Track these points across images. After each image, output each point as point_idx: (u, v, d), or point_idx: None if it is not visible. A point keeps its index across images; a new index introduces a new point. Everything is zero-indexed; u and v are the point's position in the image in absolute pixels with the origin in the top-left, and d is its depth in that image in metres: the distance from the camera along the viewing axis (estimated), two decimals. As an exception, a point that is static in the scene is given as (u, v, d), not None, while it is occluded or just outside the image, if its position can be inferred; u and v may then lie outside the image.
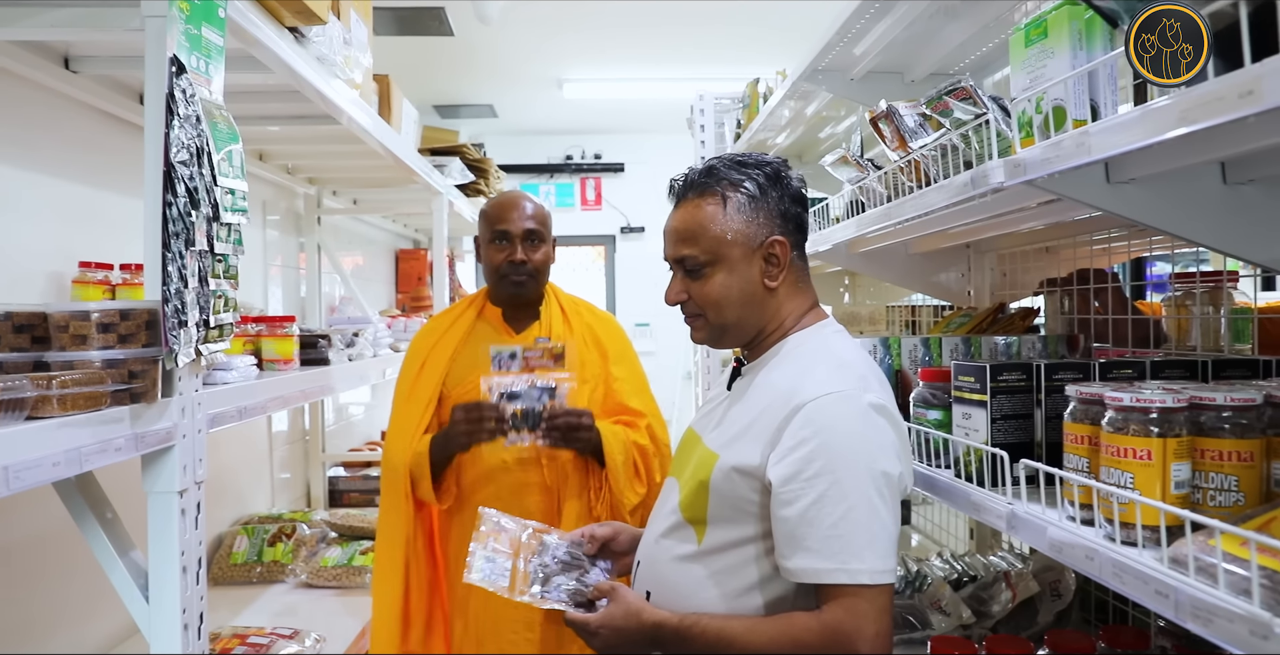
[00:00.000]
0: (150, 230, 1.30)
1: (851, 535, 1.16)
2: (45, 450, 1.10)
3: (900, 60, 2.18)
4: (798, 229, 1.39)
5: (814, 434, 1.20)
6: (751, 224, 1.34)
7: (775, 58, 4.72)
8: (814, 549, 1.17)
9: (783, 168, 1.39)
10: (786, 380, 1.29)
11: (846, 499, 1.17)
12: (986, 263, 2.36)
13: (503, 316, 2.16)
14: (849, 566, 1.16)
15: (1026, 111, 1.10)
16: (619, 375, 2.15)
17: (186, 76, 1.32)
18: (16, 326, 1.30)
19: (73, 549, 2.03)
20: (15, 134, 1.94)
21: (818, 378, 1.25)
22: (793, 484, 1.19)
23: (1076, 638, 1.54)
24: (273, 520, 3.04)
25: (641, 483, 2.02)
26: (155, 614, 1.40)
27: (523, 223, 2.09)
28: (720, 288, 1.35)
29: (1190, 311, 1.54)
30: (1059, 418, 1.19)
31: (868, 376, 1.29)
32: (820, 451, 1.18)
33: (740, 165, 1.37)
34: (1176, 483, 0.96)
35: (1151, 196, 1.11)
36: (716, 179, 1.36)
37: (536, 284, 2.12)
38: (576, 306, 2.23)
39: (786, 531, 1.20)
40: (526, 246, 2.09)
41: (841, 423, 1.20)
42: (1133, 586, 0.89)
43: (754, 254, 1.34)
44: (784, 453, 1.21)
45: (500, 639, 2.00)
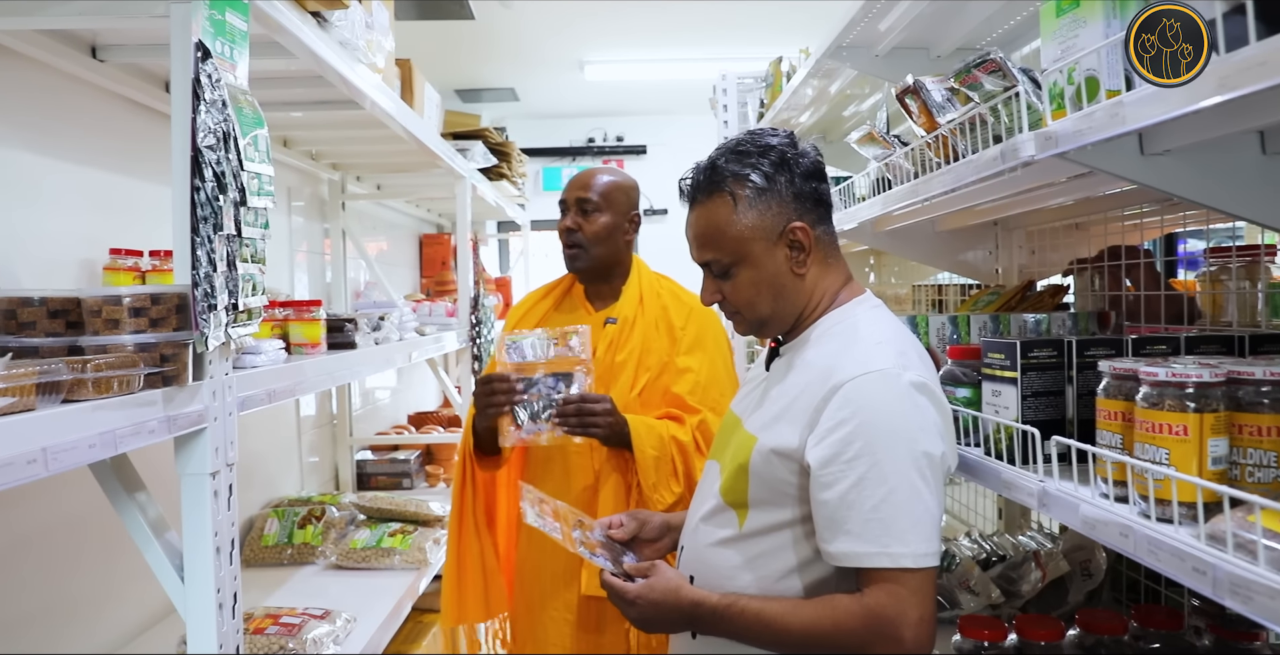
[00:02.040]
0: (179, 215, 1.31)
1: (893, 518, 1.14)
2: (82, 432, 1.12)
3: (926, 35, 2.15)
4: (817, 204, 1.35)
5: (853, 414, 1.18)
6: (766, 216, 1.31)
7: (799, 36, 4.67)
8: (855, 532, 1.15)
9: (788, 147, 1.34)
10: (824, 359, 1.27)
11: (887, 481, 1.15)
12: (1014, 240, 2.32)
13: (585, 294, 2.13)
14: (891, 550, 1.14)
15: (1058, 83, 1.08)
16: (687, 366, 2.05)
17: (212, 61, 1.32)
18: (51, 312, 1.31)
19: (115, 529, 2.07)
20: (46, 123, 1.96)
21: (856, 356, 1.23)
22: (832, 466, 1.18)
23: (1108, 617, 1.52)
24: (302, 503, 3.08)
25: (678, 482, 1.93)
26: (190, 593, 1.43)
27: (576, 192, 2.05)
28: (749, 286, 1.33)
29: (1226, 287, 1.51)
30: (1091, 395, 1.18)
31: (908, 353, 1.26)
32: (859, 432, 1.17)
33: (742, 156, 1.33)
34: (1214, 459, 0.95)
35: (1187, 168, 1.09)
36: (721, 177, 1.33)
37: (590, 256, 2.05)
38: (657, 287, 2.14)
39: (826, 515, 1.19)
40: (577, 214, 2.05)
41: (881, 402, 1.18)
42: (1169, 564, 0.88)
43: (775, 245, 1.32)
44: (822, 434, 1.20)
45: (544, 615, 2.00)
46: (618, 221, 2.07)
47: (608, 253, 2.07)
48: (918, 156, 1.64)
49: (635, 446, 1.91)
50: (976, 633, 1.53)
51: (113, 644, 2.13)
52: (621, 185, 2.10)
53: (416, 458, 4.04)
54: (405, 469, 3.96)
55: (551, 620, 1.99)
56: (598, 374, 1.99)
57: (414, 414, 4.84)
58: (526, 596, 2.04)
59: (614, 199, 2.07)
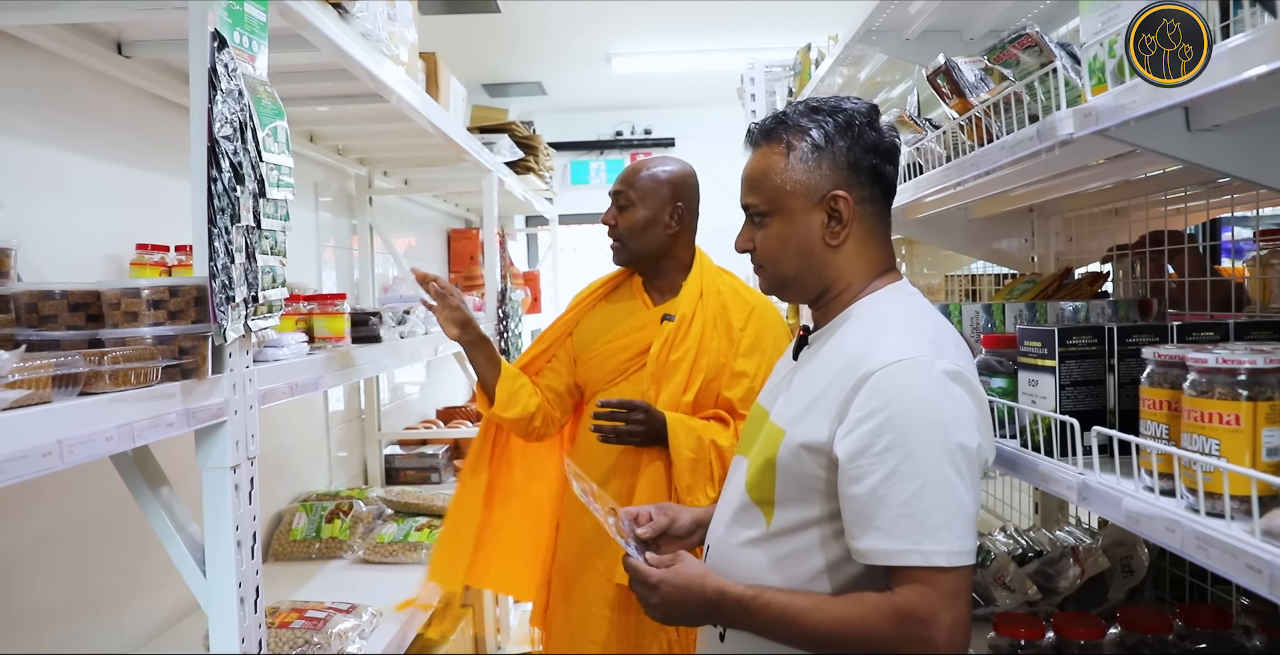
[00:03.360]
0: (196, 206, 1.29)
1: (925, 514, 1.09)
2: (99, 425, 1.10)
3: (958, 17, 2.09)
4: (874, 181, 1.29)
5: (883, 405, 1.12)
6: (813, 175, 1.27)
7: (827, 24, 4.60)
8: (885, 529, 1.10)
9: (860, 115, 1.29)
10: (854, 348, 1.21)
11: (919, 475, 1.10)
12: (1051, 227, 2.26)
13: (643, 285, 2.12)
14: (923, 547, 1.09)
15: (1098, 56, 1.03)
16: (743, 370, 1.99)
17: (228, 51, 1.31)
18: (72, 305, 1.30)
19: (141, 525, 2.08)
20: (73, 119, 1.97)
21: (887, 344, 1.18)
22: (861, 459, 1.13)
23: (1151, 615, 1.47)
24: (330, 497, 3.09)
25: (714, 487, 1.90)
26: (212, 587, 1.42)
27: (616, 184, 2.06)
28: (777, 239, 1.30)
29: (1277, 271, 1.45)
30: (1133, 384, 1.12)
31: (942, 341, 1.21)
32: (890, 424, 1.11)
33: (813, 112, 1.29)
34: (1269, 449, 0.89)
35: (1238, 144, 1.03)
36: (785, 126, 1.30)
37: (627, 250, 2.05)
38: (718, 284, 2.08)
39: (856, 510, 1.14)
40: (614, 209, 2.05)
41: (913, 392, 1.13)
42: (1220, 561, 0.83)
43: (815, 207, 1.28)
44: (852, 426, 1.15)
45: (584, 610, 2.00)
46: (654, 215, 2.03)
47: (647, 247, 2.04)
48: (949, 140, 1.59)
49: (672, 447, 1.88)
50: (1013, 631, 1.48)
51: (139, 640, 2.14)
52: (662, 177, 2.05)
53: (445, 452, 4.04)
54: (434, 463, 3.97)
55: (591, 616, 1.97)
56: (650, 372, 1.99)
57: (442, 409, 4.85)
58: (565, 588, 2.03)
59: (650, 192, 2.03)
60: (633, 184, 2.03)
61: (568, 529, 2.07)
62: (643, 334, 2.04)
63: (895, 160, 1.33)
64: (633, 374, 2.04)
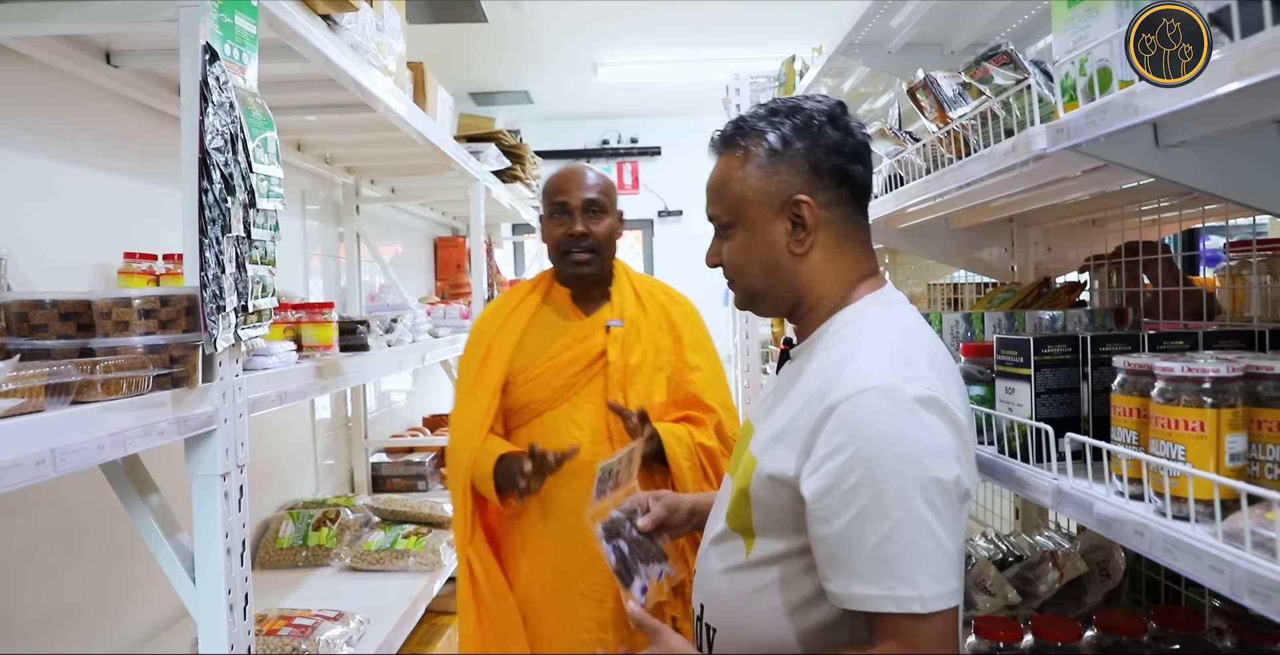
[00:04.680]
0: (187, 216, 1.31)
1: (898, 557, 1.02)
2: (91, 433, 1.12)
3: (938, 31, 2.13)
4: (839, 183, 1.20)
5: (849, 439, 1.05)
6: (771, 181, 1.20)
7: (811, 35, 4.65)
8: (857, 573, 1.04)
9: (820, 114, 1.21)
10: (825, 371, 1.14)
11: (889, 515, 1.02)
12: (1030, 237, 2.30)
13: (571, 298, 2.03)
14: (897, 593, 1.02)
15: (1070, 74, 1.07)
16: (695, 363, 1.99)
17: (220, 63, 1.32)
18: (63, 314, 1.32)
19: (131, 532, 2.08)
20: (61, 128, 1.98)
21: (856, 369, 1.10)
22: (829, 499, 1.06)
23: (1127, 618, 1.50)
24: (317, 505, 3.09)
25: (712, 485, 1.89)
26: (201, 594, 1.43)
27: (583, 193, 1.95)
28: (741, 251, 1.25)
29: (1247, 281, 1.49)
30: (1106, 392, 1.15)
31: (916, 360, 1.11)
32: (857, 460, 1.04)
33: (771, 114, 1.23)
34: (1231, 455, 0.92)
35: (1204, 159, 1.06)
36: (743, 132, 1.24)
37: (601, 260, 1.97)
38: (650, 287, 2.09)
39: (826, 552, 1.08)
40: (587, 218, 1.95)
41: (881, 425, 1.05)
42: (1185, 562, 0.86)
43: (776, 215, 1.21)
44: (818, 463, 1.07)
45: (569, 637, 1.92)
46: (616, 221, 2.03)
47: (610, 257, 2.02)
48: (929, 152, 1.63)
49: (670, 460, 1.87)
50: (992, 633, 1.51)
51: (128, 645, 2.14)
52: (612, 181, 2.06)
53: (431, 460, 4.05)
54: (420, 471, 3.97)
55: (582, 643, 1.91)
56: (615, 379, 1.95)
57: (429, 416, 4.85)
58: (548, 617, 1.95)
59: (613, 197, 2.02)
60: (604, 191, 1.98)
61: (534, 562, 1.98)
62: (590, 343, 1.97)
63: (865, 159, 1.24)
64: (583, 387, 1.97)
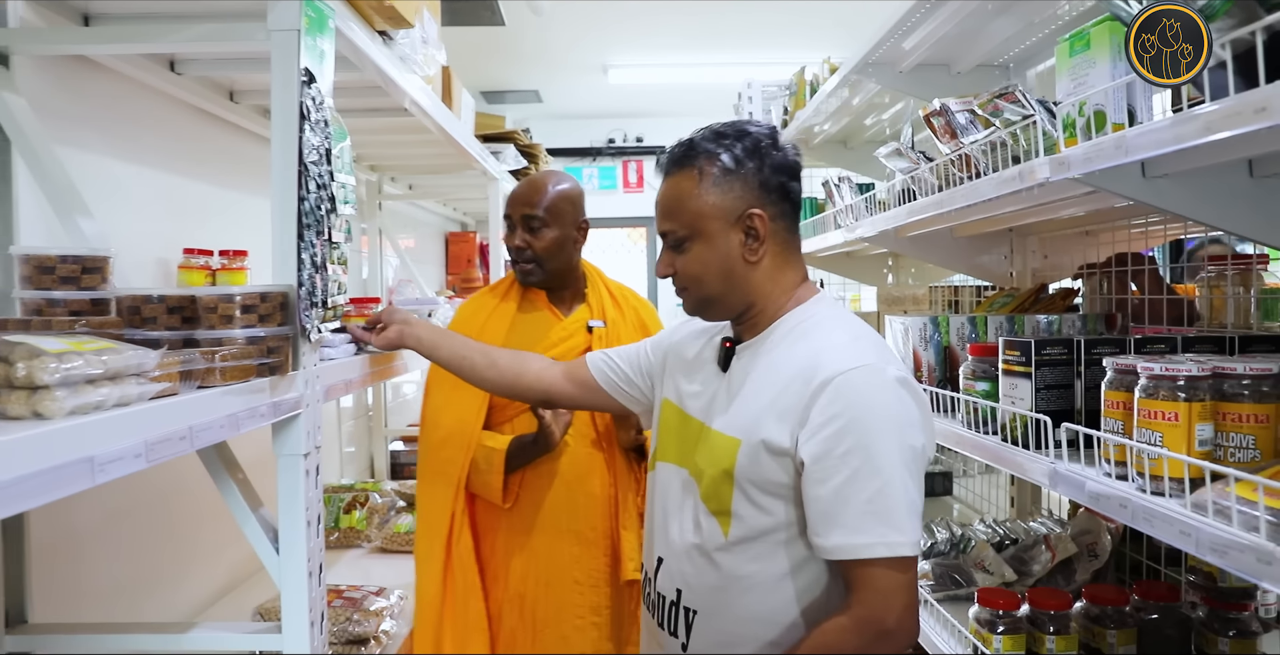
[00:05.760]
0: (285, 222, 1.46)
1: (889, 509, 1.17)
2: (215, 414, 1.27)
3: (948, 53, 2.30)
4: (783, 199, 1.35)
5: (844, 409, 1.20)
6: (727, 197, 1.32)
7: (819, 42, 4.82)
8: (850, 525, 1.18)
9: (765, 137, 1.35)
10: (805, 355, 1.27)
11: (881, 473, 1.18)
12: (1028, 245, 2.47)
13: (548, 298, 2.12)
14: (889, 539, 1.17)
15: (1070, 114, 1.24)
16: None
17: (317, 85, 1.48)
18: (170, 308, 1.47)
19: (183, 509, 2.24)
20: (127, 131, 2.12)
21: (841, 351, 1.25)
22: (826, 461, 1.20)
23: (1112, 591, 1.68)
24: (346, 490, 3.24)
25: None
26: (285, 563, 1.58)
27: (522, 208, 2.03)
28: (698, 262, 1.34)
29: (1223, 291, 1.66)
30: (1097, 388, 1.33)
31: (882, 347, 1.31)
32: (851, 427, 1.19)
33: (720, 137, 1.35)
34: (1200, 441, 1.10)
35: (1184, 190, 1.24)
36: (694, 153, 1.35)
37: (543, 271, 2.05)
38: (623, 291, 2.19)
39: (820, 510, 1.20)
40: (525, 233, 2.03)
41: (871, 397, 1.21)
42: (1160, 529, 1.04)
43: (732, 227, 1.33)
44: (814, 429, 1.21)
45: (564, 625, 2.01)
46: (566, 233, 2.06)
47: (560, 266, 2.08)
48: (942, 171, 1.80)
49: None
50: (993, 602, 1.69)
51: (187, 614, 2.29)
52: (567, 195, 2.07)
53: (448, 448, 4.20)
54: (433, 460, 4.13)
55: (576, 628, 2.00)
56: None
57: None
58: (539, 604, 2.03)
59: (561, 212, 2.05)
60: (544, 205, 2.04)
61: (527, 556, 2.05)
62: (574, 342, 2.07)
63: (799, 177, 1.38)
64: None
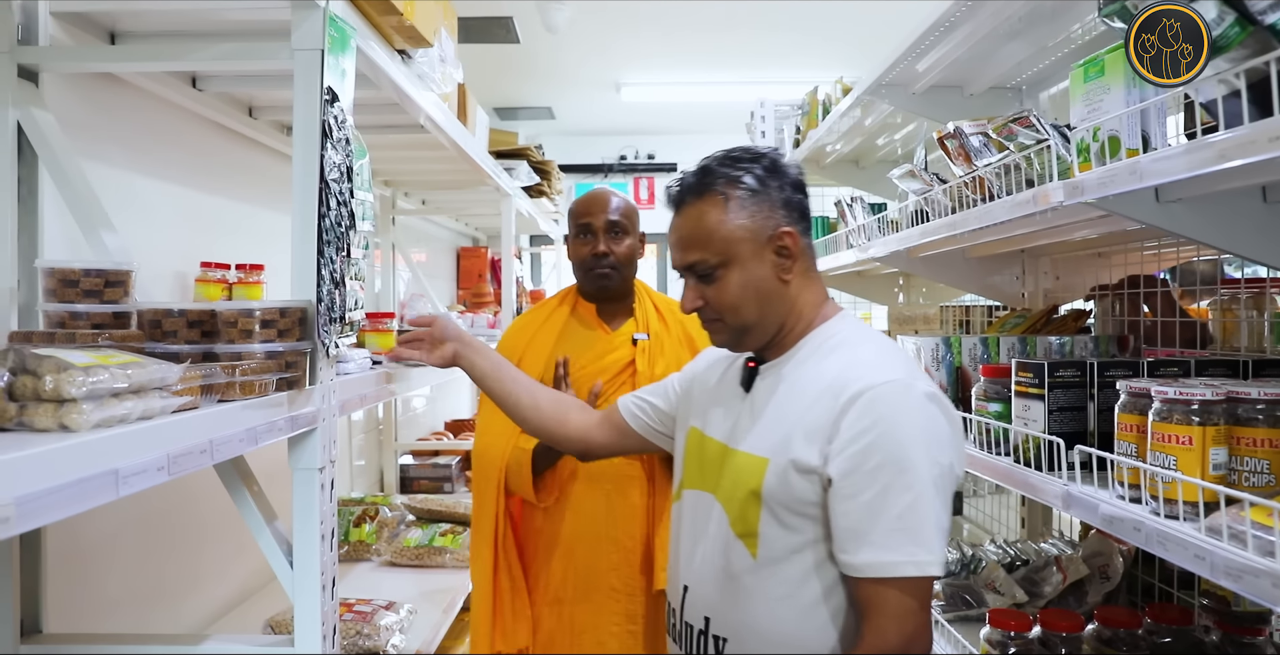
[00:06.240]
0: (305, 238, 1.48)
1: (918, 527, 1.15)
2: (235, 428, 1.29)
3: (961, 75, 2.32)
4: (803, 216, 1.35)
5: (873, 424, 1.17)
6: (756, 218, 1.30)
7: (832, 62, 4.86)
8: (879, 542, 1.15)
9: (778, 157, 1.36)
10: (833, 371, 1.25)
11: (910, 490, 1.15)
12: (1041, 267, 2.48)
13: (596, 312, 2.17)
14: (918, 558, 1.14)
15: (1085, 139, 1.25)
16: None
17: (339, 104, 1.51)
18: (190, 322, 1.49)
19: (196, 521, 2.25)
20: (148, 146, 2.16)
21: (870, 367, 1.23)
22: (855, 477, 1.17)
23: (1124, 613, 1.67)
24: (356, 503, 3.26)
25: None
26: (299, 576, 1.59)
27: (605, 215, 2.10)
28: (736, 289, 1.31)
29: (1235, 315, 1.67)
30: (1110, 410, 1.34)
31: (911, 363, 1.29)
32: (881, 443, 1.17)
33: (735, 161, 1.33)
34: (1214, 465, 1.11)
35: (1197, 215, 1.24)
36: (714, 179, 1.32)
37: (621, 277, 2.12)
38: (670, 305, 2.21)
39: (848, 526, 1.18)
40: (609, 239, 2.10)
41: (901, 413, 1.18)
42: (1175, 552, 1.04)
43: (764, 249, 1.31)
44: (844, 444, 1.19)
45: (600, 631, 2.02)
46: (636, 242, 2.17)
47: (632, 273, 2.17)
48: (955, 193, 1.81)
49: None
50: (1004, 623, 1.68)
51: (196, 626, 2.30)
52: (635, 208, 2.20)
53: (457, 463, 4.22)
54: (446, 473, 4.15)
55: (612, 635, 2.01)
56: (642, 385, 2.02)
57: (450, 421, 5.03)
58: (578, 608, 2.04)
59: (635, 221, 2.16)
60: (626, 214, 2.14)
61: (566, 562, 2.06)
62: (620, 354, 2.12)
63: (807, 192, 1.37)
64: (611, 396, 2.08)
